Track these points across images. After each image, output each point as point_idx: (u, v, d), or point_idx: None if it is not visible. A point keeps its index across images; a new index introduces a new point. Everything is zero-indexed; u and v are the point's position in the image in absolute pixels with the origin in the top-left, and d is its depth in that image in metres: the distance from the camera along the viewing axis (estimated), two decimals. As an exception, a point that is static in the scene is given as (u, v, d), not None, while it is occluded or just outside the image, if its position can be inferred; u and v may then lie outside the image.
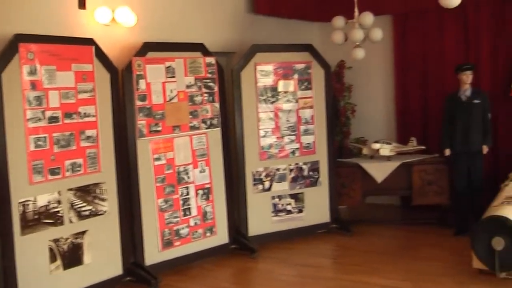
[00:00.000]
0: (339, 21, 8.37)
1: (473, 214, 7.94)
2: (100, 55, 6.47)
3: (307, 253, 7.88)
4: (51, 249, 6.01)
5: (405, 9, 9.61)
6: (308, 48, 8.54)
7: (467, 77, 8.17)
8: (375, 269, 7.10)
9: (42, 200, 5.93)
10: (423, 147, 9.01)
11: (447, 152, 8.36)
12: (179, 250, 7.24)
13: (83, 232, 6.30)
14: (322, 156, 8.58)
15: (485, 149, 8.17)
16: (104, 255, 6.51)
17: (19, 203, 5.72)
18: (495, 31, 9.09)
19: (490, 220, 6.23)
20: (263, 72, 8.16)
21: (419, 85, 9.74)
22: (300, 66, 8.43)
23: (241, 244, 7.86)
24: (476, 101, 8.15)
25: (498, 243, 6.05)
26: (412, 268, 7.03)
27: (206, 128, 7.54)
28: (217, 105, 7.66)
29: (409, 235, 8.58)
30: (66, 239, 6.13)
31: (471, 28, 9.25)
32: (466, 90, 8.22)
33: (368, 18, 8.17)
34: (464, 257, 6.90)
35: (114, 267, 6.63)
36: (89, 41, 6.39)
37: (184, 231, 7.29)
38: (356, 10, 8.14)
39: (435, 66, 9.56)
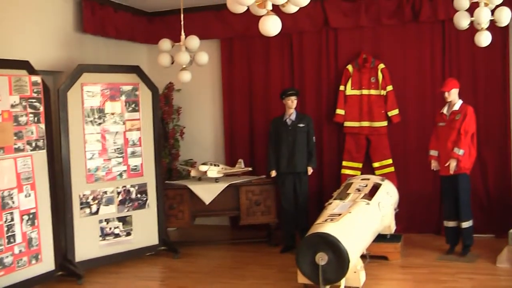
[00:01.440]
0: (165, 44, 8.54)
1: (299, 232, 8.49)
2: None
3: (135, 277, 7.94)
4: None
5: (231, 35, 10.06)
6: (135, 69, 8.65)
7: (292, 102, 8.71)
8: (202, 290, 7.32)
9: None
10: (250, 169, 9.44)
11: (273, 173, 8.82)
12: (3, 280, 6.94)
13: None
14: (150, 178, 8.69)
15: (310, 170, 8.73)
16: None
17: None
18: (318, 58, 9.75)
19: (314, 236, 6.55)
20: (89, 93, 8.14)
21: (246, 108, 10.20)
22: (128, 87, 8.51)
23: (68, 270, 7.73)
24: (300, 125, 8.72)
25: (322, 258, 6.41)
26: (239, 288, 7.34)
27: (31, 150, 7.35)
28: (42, 126, 7.51)
29: (237, 254, 8.88)
30: None
31: (296, 54, 9.86)
32: (291, 114, 8.77)
33: (194, 41, 8.42)
34: (290, 274, 7.31)
35: None
36: None
37: (8, 260, 7.01)
38: (182, 33, 8.36)
39: (262, 90, 10.07)
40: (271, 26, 5.33)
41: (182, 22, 8.36)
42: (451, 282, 7.11)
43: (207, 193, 9.03)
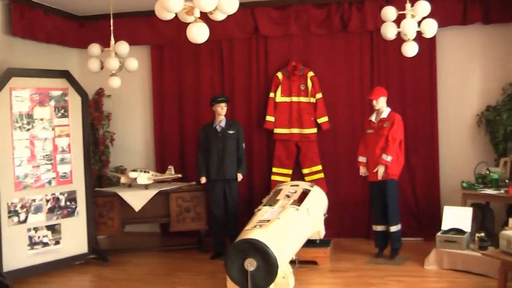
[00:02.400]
0: (95, 48, 8.52)
1: (229, 238, 8.65)
2: None
3: (64, 286, 7.95)
4: None
5: (161, 41, 10.17)
6: (65, 74, 8.64)
7: (222, 108, 8.91)
8: (131, 298, 7.38)
9: None
10: (180, 175, 9.58)
11: (203, 179, 8.96)
12: None
13: None
14: (79, 186, 8.69)
15: (239, 177, 8.93)
16: None
17: None
18: (248, 65, 9.96)
19: (242, 243, 6.59)
20: (18, 98, 8.07)
21: (176, 115, 10.30)
22: (57, 92, 8.49)
23: (-5, 281, 7.67)
24: (230, 131, 8.91)
25: (250, 264, 6.47)
26: (168, 295, 7.43)
27: (-41, 158, 7.30)
28: (-31, 132, 7.45)
29: (168, 261, 8.97)
30: None
31: (226, 61, 10.04)
32: (221, 121, 8.95)
33: (123, 47, 8.42)
34: (219, 280, 7.48)
35: None
36: None
37: None
38: (112, 38, 8.36)
39: (192, 97, 10.20)
40: (198, 33, 5.43)
41: (111, 27, 8.34)
42: (380, 285, 7.38)
43: (137, 200, 9.09)
